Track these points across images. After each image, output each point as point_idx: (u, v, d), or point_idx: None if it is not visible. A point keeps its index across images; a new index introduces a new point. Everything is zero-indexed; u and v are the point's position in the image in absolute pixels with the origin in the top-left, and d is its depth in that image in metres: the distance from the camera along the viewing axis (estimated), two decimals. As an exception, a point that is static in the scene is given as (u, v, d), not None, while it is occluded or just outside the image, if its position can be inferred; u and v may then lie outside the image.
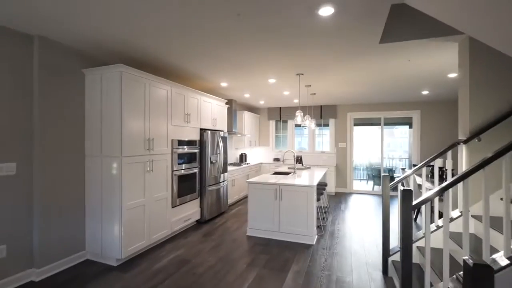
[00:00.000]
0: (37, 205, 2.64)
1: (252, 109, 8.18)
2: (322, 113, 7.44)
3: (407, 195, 1.83)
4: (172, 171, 3.75)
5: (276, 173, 5.14)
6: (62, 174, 2.86)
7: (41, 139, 2.66)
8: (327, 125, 7.61)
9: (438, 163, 5.71)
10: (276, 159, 7.77)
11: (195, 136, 4.34)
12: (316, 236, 3.82)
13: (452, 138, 6.45)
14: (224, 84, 4.84)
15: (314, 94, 5.70)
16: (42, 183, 2.67)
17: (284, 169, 5.57)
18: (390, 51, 3.12)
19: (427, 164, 2.75)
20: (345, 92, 5.51)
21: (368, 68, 3.79)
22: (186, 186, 4.06)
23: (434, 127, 6.64)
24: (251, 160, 7.89)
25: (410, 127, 9.10)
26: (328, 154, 7.48)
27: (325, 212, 5.15)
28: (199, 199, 4.44)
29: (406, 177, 2.77)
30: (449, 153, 2.65)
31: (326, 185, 5.08)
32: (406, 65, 3.62)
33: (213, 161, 4.66)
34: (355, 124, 7.40)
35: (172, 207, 3.77)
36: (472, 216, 2.51)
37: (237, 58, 3.39)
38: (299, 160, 5.99)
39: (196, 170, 4.32)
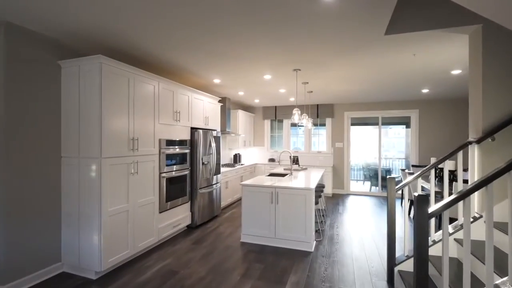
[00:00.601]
0: (2, 212, 2.33)
1: (247, 108, 7.92)
2: (318, 112, 7.23)
3: (422, 201, 1.61)
4: (160, 173, 3.47)
5: (271, 174, 4.89)
6: (33, 177, 2.55)
7: (7, 138, 2.36)
8: (323, 124, 7.40)
9: (442, 164, 5.53)
10: (271, 160, 7.54)
11: (186, 136, 4.07)
12: (315, 242, 3.58)
13: (452, 137, 6.31)
14: (217, 81, 4.58)
15: (311, 92, 5.48)
16: (9, 186, 2.37)
17: (280, 170, 5.34)
18: (395, 45, 2.91)
19: (435, 166, 2.53)
20: (343, 90, 5.30)
21: (369, 65, 3.57)
22: (175, 189, 3.79)
23: (432, 126, 6.49)
24: (246, 160, 7.64)
25: (407, 127, 8.99)
26: (325, 155, 7.27)
27: (323, 215, 4.92)
28: (189, 202, 4.16)
29: (413, 180, 2.55)
30: (460, 154, 2.44)
31: (323, 186, 4.87)
32: (410, 61, 3.42)
33: (205, 162, 4.39)
34: (351, 124, 7.21)
35: (160, 212, 3.49)
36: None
37: (232, 53, 3.14)
38: (295, 160, 5.77)
39: (186, 172, 4.05)
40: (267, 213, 3.54)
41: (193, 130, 4.21)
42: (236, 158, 6.85)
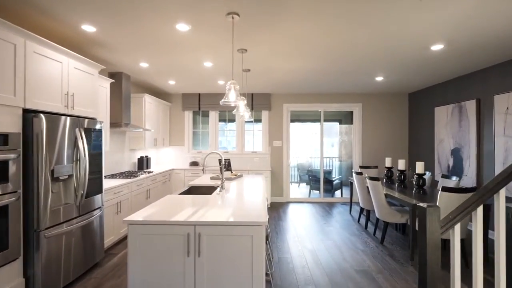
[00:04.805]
0: None
1: (160, 94, 5.92)
2: (253, 104, 5.85)
3: None
4: None
5: (192, 188, 3.18)
6: None
7: None
8: (259, 120, 6.07)
9: (388, 163, 4.83)
10: (194, 163, 5.75)
11: (5, 126, 1.97)
12: (265, 308, 2.08)
13: (401, 135, 5.85)
14: (88, 29, 2.57)
15: (248, 70, 4.00)
16: None
17: (205, 179, 3.66)
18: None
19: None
20: (286, 71, 4.00)
21: (344, 18, 2.29)
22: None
23: (376, 122, 5.91)
24: (158, 166, 5.64)
25: (340, 123, 8.59)
26: (261, 156, 5.95)
27: (266, 241, 3.49)
28: (21, 259, 2.08)
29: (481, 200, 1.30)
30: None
31: (266, 200, 3.45)
32: (399, 19, 2.28)
33: (62, 177, 2.35)
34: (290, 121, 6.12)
35: None
36: None
37: None
38: (227, 165, 4.19)
39: (8, 201, 1.96)
40: (180, 276, 1.84)
41: (31, 115, 2.14)
42: (143, 164, 4.82)
